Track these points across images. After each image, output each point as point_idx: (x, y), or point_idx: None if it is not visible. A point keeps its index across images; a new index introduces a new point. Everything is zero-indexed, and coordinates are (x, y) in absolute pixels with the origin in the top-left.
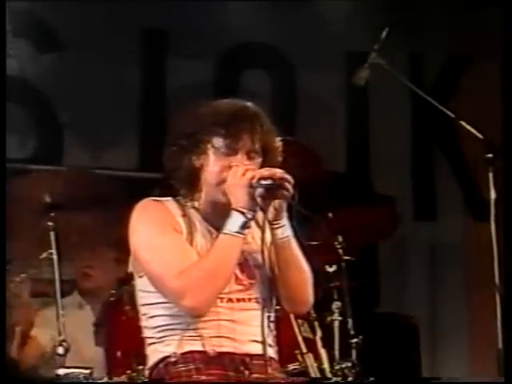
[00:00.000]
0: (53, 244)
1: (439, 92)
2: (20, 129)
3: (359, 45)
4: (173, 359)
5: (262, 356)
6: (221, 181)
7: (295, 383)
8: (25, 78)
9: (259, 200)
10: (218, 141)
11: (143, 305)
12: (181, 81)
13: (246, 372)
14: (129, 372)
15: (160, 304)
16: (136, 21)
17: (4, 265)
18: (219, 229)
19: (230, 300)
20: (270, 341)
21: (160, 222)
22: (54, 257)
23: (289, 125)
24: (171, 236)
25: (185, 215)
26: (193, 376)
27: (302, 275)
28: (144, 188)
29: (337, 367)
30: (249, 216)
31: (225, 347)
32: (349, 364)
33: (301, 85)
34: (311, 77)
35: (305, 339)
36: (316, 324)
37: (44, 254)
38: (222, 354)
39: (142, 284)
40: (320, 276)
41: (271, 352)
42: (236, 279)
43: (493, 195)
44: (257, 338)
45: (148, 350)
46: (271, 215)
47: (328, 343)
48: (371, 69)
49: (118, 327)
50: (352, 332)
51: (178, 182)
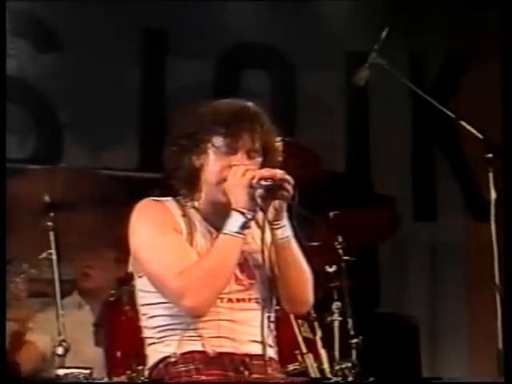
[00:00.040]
0: (52, 244)
1: (439, 92)
2: (20, 129)
3: (359, 45)
4: (173, 359)
5: (262, 356)
6: (221, 180)
7: (295, 383)
8: (24, 78)
9: (259, 200)
10: (218, 140)
11: (143, 305)
12: (181, 81)
13: (246, 372)
14: (129, 372)
15: (160, 304)
16: (136, 21)
17: (4, 265)
18: (219, 229)
19: (230, 300)
20: (270, 341)
21: (160, 222)
22: (54, 257)
23: (289, 125)
24: (171, 236)
25: (185, 215)
26: (193, 376)
27: (302, 275)
28: (144, 188)
29: (337, 367)
30: (249, 216)
31: (225, 347)
32: (349, 364)
33: (301, 85)
34: (311, 77)
35: (305, 339)
36: (316, 324)
37: (43, 254)
38: (222, 355)
39: (142, 284)
40: (320, 276)
41: (271, 352)
42: (236, 279)
43: (493, 195)
44: (257, 339)
45: (148, 350)
46: (271, 215)
47: (328, 343)
48: (371, 69)
49: (118, 327)
50: (352, 332)
51: (178, 182)
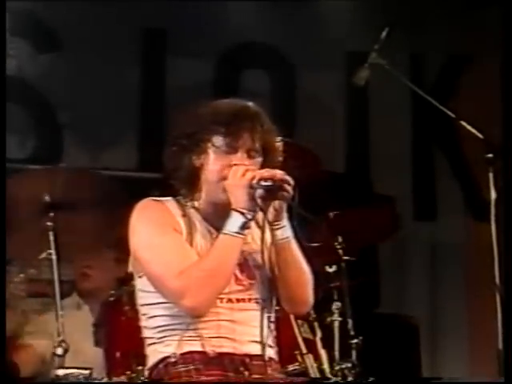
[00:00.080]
0: (52, 244)
1: (439, 92)
2: (20, 129)
3: (359, 45)
4: (172, 360)
5: (262, 357)
6: (221, 178)
7: (294, 383)
8: (24, 78)
9: (259, 201)
10: (219, 139)
11: (143, 305)
12: (181, 81)
13: (246, 373)
14: (128, 372)
15: (160, 304)
16: (136, 20)
17: (4, 265)
18: (219, 229)
19: (230, 300)
20: (270, 341)
21: (160, 222)
22: (53, 257)
23: (288, 125)
24: (171, 236)
25: (185, 215)
26: (192, 376)
27: (302, 276)
28: (144, 188)
29: (337, 368)
30: (249, 216)
31: (224, 348)
32: (349, 365)
33: (301, 85)
34: (311, 77)
35: (305, 340)
36: (316, 324)
37: (43, 255)
38: (222, 355)
39: (142, 284)
40: (320, 276)
41: (271, 353)
42: (236, 279)
43: (493, 195)
44: (256, 339)
45: (148, 351)
46: (271, 216)
47: (328, 344)
48: (371, 69)
49: (118, 327)
50: (352, 332)
51: (178, 182)
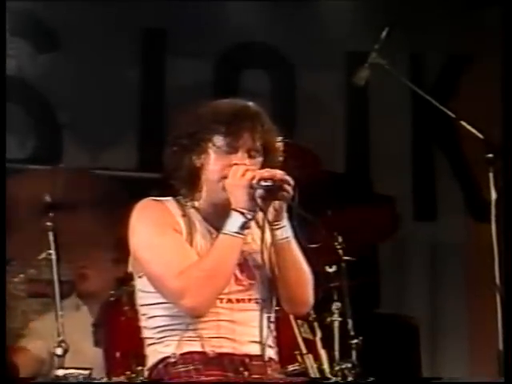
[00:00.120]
0: (51, 244)
1: (439, 92)
2: (19, 129)
3: (359, 45)
4: (172, 360)
5: (262, 357)
6: (222, 178)
7: (294, 383)
8: (24, 78)
9: (259, 201)
10: (219, 139)
11: (143, 305)
12: (180, 81)
13: (246, 373)
14: (128, 373)
15: (160, 304)
16: (136, 20)
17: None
18: (219, 229)
19: (230, 300)
20: (270, 342)
21: (160, 222)
22: (53, 257)
23: (288, 125)
24: (171, 236)
25: (185, 215)
26: (192, 377)
27: (302, 276)
28: (144, 188)
29: (337, 368)
30: (248, 216)
31: (224, 348)
32: (349, 365)
33: (301, 85)
34: (311, 77)
35: (305, 340)
36: (316, 325)
37: (43, 255)
38: (222, 355)
39: (142, 284)
40: (320, 277)
41: (271, 353)
42: (236, 280)
43: (493, 195)
44: (256, 339)
45: (147, 351)
46: (271, 216)
47: (328, 344)
48: (371, 69)
49: (118, 328)
50: (352, 333)
51: (179, 182)
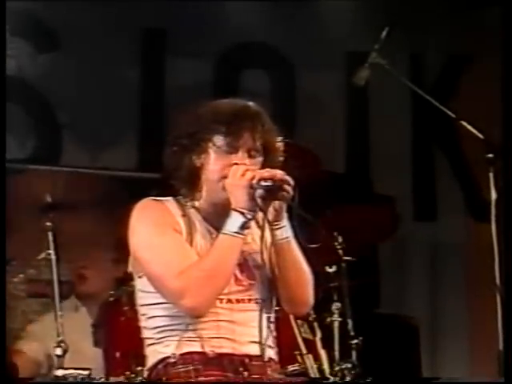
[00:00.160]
0: (51, 244)
1: (439, 92)
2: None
3: (359, 45)
4: (172, 360)
5: (262, 357)
6: (222, 178)
7: (294, 383)
8: (24, 78)
9: (259, 201)
10: (219, 139)
11: (142, 305)
12: (180, 81)
13: (246, 373)
14: (128, 373)
15: (159, 304)
16: (135, 20)
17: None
18: (219, 229)
19: (230, 301)
20: (270, 342)
21: (160, 222)
22: (53, 257)
23: (288, 125)
24: (171, 236)
25: (185, 215)
26: (192, 377)
27: (302, 276)
28: (143, 188)
29: (337, 368)
30: (248, 216)
31: (224, 348)
32: (349, 365)
33: (301, 85)
34: (311, 77)
35: (304, 340)
36: (316, 325)
37: (42, 255)
38: (221, 355)
39: (142, 284)
40: (320, 277)
41: (271, 353)
42: (236, 280)
43: (493, 195)
44: (256, 339)
45: (147, 351)
46: (271, 216)
47: (328, 344)
48: (371, 69)
49: (117, 328)
50: (352, 333)
51: (179, 182)
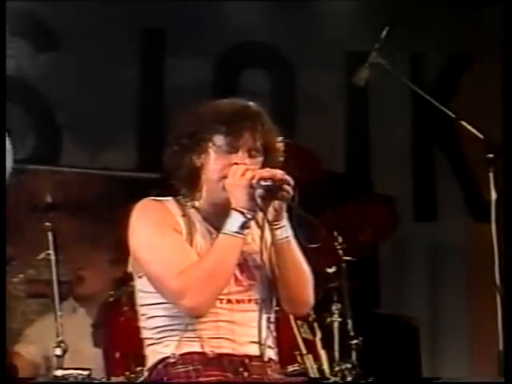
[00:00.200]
0: (50, 245)
1: (439, 92)
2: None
3: (359, 45)
4: (172, 360)
5: (261, 357)
6: (222, 178)
7: (293, 383)
8: (24, 78)
9: (259, 201)
10: (219, 139)
11: (142, 305)
12: (180, 81)
13: (245, 373)
14: (127, 373)
15: (159, 305)
16: (135, 20)
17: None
18: (219, 229)
19: (230, 301)
20: (270, 342)
21: (160, 222)
22: (52, 257)
23: (288, 125)
24: (171, 236)
25: (185, 215)
26: (192, 377)
27: (302, 276)
28: (143, 188)
29: (337, 368)
30: (248, 216)
31: (224, 348)
32: (349, 365)
33: (301, 85)
34: (311, 77)
35: (304, 340)
36: (316, 325)
37: (42, 255)
38: (221, 356)
39: (142, 284)
40: (320, 277)
41: (271, 353)
42: (236, 280)
43: (493, 195)
44: (256, 340)
45: (147, 351)
46: (271, 216)
47: (328, 344)
48: (371, 69)
49: (117, 328)
50: (352, 333)
51: (179, 182)
